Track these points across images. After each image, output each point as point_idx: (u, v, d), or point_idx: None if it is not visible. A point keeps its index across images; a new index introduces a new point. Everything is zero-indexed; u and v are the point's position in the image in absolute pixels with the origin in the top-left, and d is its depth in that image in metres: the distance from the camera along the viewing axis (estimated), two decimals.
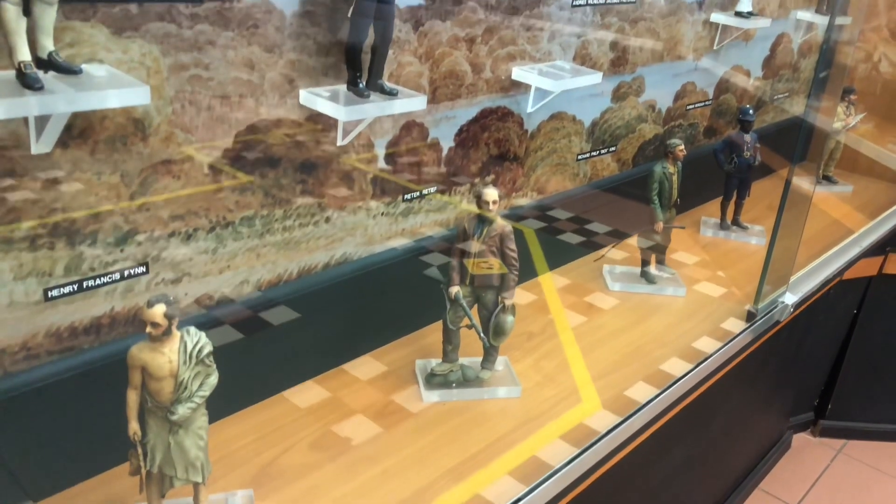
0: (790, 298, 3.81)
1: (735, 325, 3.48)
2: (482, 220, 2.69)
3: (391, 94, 2.80)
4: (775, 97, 6.17)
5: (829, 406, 5.65)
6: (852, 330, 5.36)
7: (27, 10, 1.88)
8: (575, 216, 4.28)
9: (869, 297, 5.29)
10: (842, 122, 5.87)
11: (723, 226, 4.70)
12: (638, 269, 3.82)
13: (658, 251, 3.87)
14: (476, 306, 2.81)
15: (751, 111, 4.68)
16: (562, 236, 4.16)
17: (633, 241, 4.06)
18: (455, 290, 2.74)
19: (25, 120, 2.03)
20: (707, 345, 3.28)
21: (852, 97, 5.91)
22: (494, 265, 2.73)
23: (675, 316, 3.52)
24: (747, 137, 4.67)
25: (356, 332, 3.05)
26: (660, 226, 3.74)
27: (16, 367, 2.28)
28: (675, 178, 3.79)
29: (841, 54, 3.88)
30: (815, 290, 4.08)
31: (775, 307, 3.69)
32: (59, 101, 1.90)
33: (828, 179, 6.19)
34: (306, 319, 2.94)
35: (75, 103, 1.94)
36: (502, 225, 2.70)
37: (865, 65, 7.28)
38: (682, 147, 3.76)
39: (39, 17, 1.94)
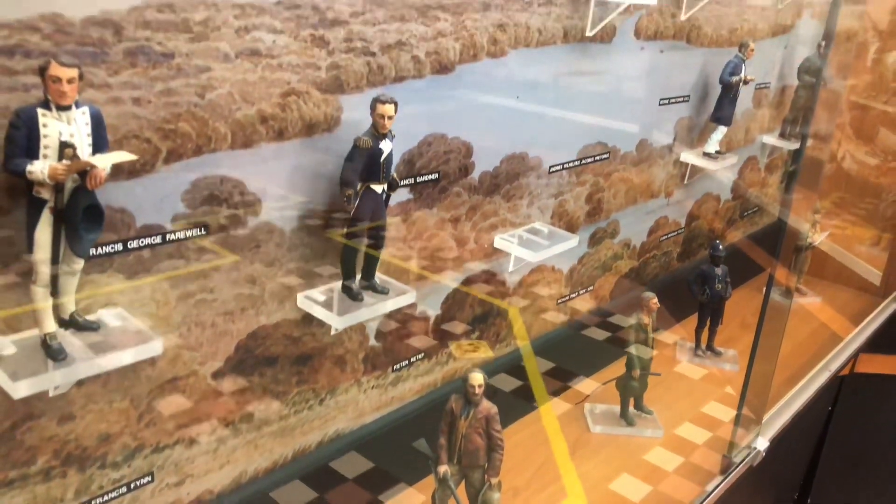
0: (762, 444, 4.00)
1: (711, 468, 3.66)
2: (468, 402, 2.87)
3: (382, 293, 3.00)
4: (745, 213, 6.47)
5: (809, 501, 5.84)
6: (828, 425, 5.60)
7: (55, 291, 2.06)
8: (556, 364, 4.46)
9: (843, 395, 5.53)
10: (809, 238, 6.17)
11: (697, 352, 4.92)
12: (617, 408, 4.01)
13: (636, 395, 4.06)
14: (463, 483, 2.96)
15: (720, 247, 4.94)
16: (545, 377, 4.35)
17: (612, 386, 4.25)
18: (443, 469, 2.89)
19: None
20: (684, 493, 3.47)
21: (817, 216, 6.23)
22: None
23: (652, 465, 3.70)
24: (718, 270, 4.93)
25: None
26: (636, 373, 3.94)
27: None
28: (649, 328, 4.02)
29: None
30: (786, 424, 4.27)
31: (749, 454, 3.88)
32: (80, 369, 2.07)
33: (797, 290, 6.46)
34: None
35: (94, 367, 2.11)
36: (488, 407, 2.87)
37: (830, 164, 7.65)
38: (656, 300, 4.00)
39: (63, 286, 2.12)
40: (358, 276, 2.98)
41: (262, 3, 2.48)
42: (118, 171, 2.19)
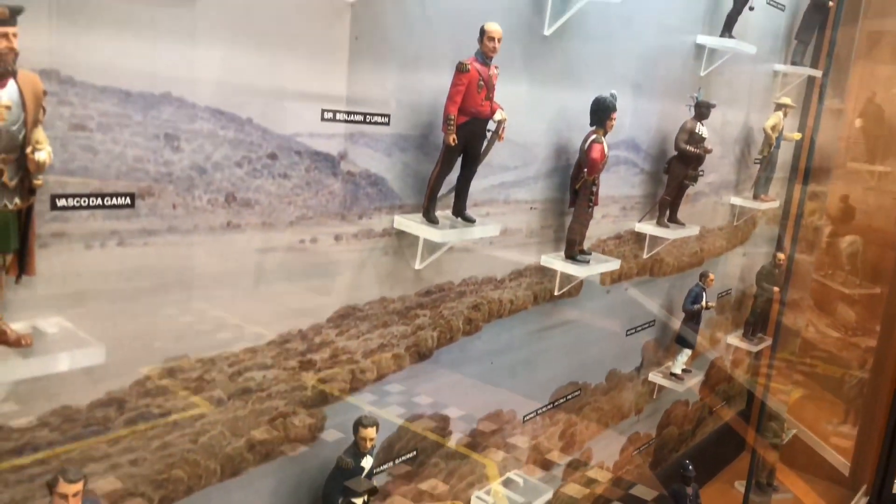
0: None
1: None
2: None
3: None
4: (713, 410, 6.66)
5: None
6: None
7: None
8: None
9: None
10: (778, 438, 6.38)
11: None
12: None
13: None
14: None
15: (689, 466, 5.10)
16: None
17: None
18: None
19: None
20: None
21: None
22: None
23: None
24: (689, 489, 5.09)
25: None
26: None
27: None
28: None
29: None
30: None
31: None
32: None
33: (770, 486, 6.58)
34: None
35: None
36: None
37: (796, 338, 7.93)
38: None
39: None
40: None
41: (255, 345, 2.69)
42: None
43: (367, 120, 2.89)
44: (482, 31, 2.95)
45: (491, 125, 3.12)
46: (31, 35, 1.89)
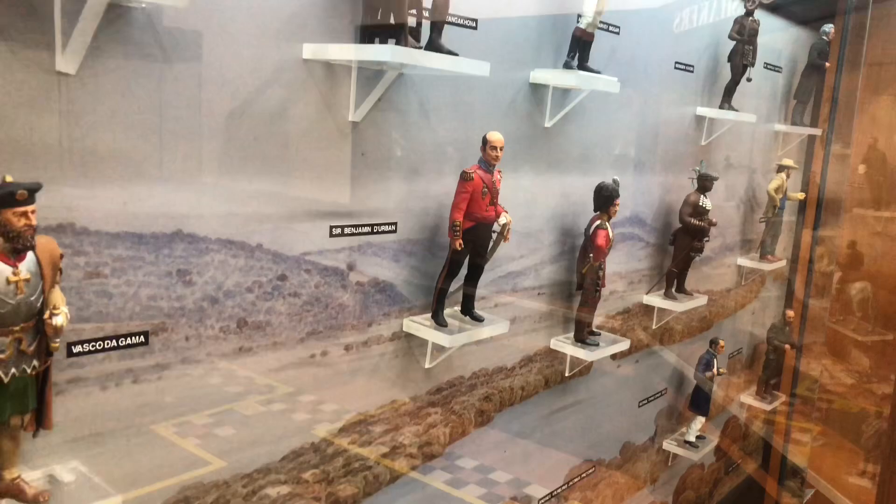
0: None
1: None
2: None
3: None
4: (729, 469, 6.59)
5: None
6: None
7: None
8: None
9: None
10: None
11: None
12: None
13: None
14: None
15: None
16: None
17: None
18: None
19: None
20: None
21: None
22: None
23: None
24: None
25: None
26: None
27: None
28: None
29: None
30: None
31: None
32: None
33: None
34: None
35: None
36: None
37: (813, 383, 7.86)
38: None
39: None
40: None
41: (268, 462, 2.70)
42: None
43: (375, 230, 2.94)
44: (485, 140, 3.01)
45: (496, 226, 3.16)
46: (47, 194, 1.95)
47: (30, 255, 1.77)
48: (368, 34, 2.63)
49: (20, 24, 1.92)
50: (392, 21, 2.53)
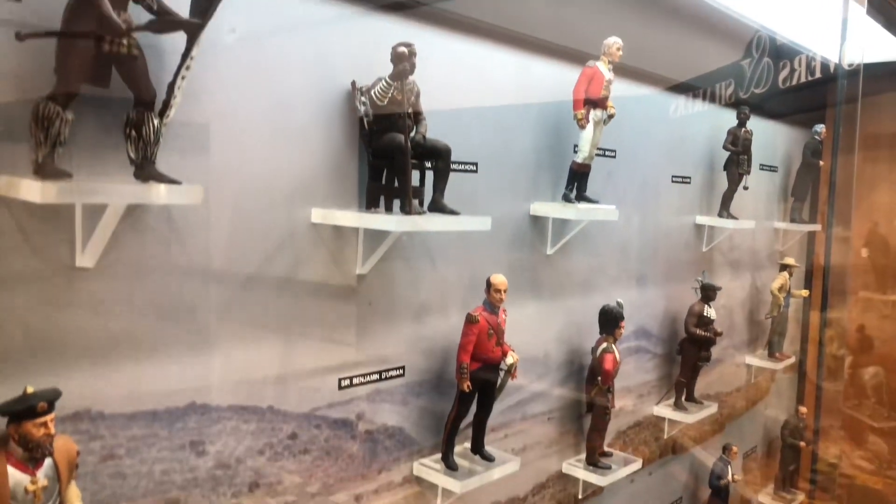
0: None
1: None
2: None
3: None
4: None
5: None
6: None
7: None
8: None
9: None
10: None
11: None
12: None
13: None
14: None
15: None
16: None
17: None
18: None
19: None
20: None
21: None
22: None
23: None
24: None
25: None
26: None
27: None
28: None
29: None
30: None
31: None
32: None
33: None
34: None
35: None
36: None
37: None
38: None
39: None
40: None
41: None
42: None
43: (383, 377, 2.98)
44: (488, 283, 3.07)
45: (503, 365, 3.19)
46: (63, 386, 1.99)
47: (47, 460, 1.81)
48: (374, 196, 2.73)
49: (42, 226, 2.01)
50: (396, 185, 2.64)
